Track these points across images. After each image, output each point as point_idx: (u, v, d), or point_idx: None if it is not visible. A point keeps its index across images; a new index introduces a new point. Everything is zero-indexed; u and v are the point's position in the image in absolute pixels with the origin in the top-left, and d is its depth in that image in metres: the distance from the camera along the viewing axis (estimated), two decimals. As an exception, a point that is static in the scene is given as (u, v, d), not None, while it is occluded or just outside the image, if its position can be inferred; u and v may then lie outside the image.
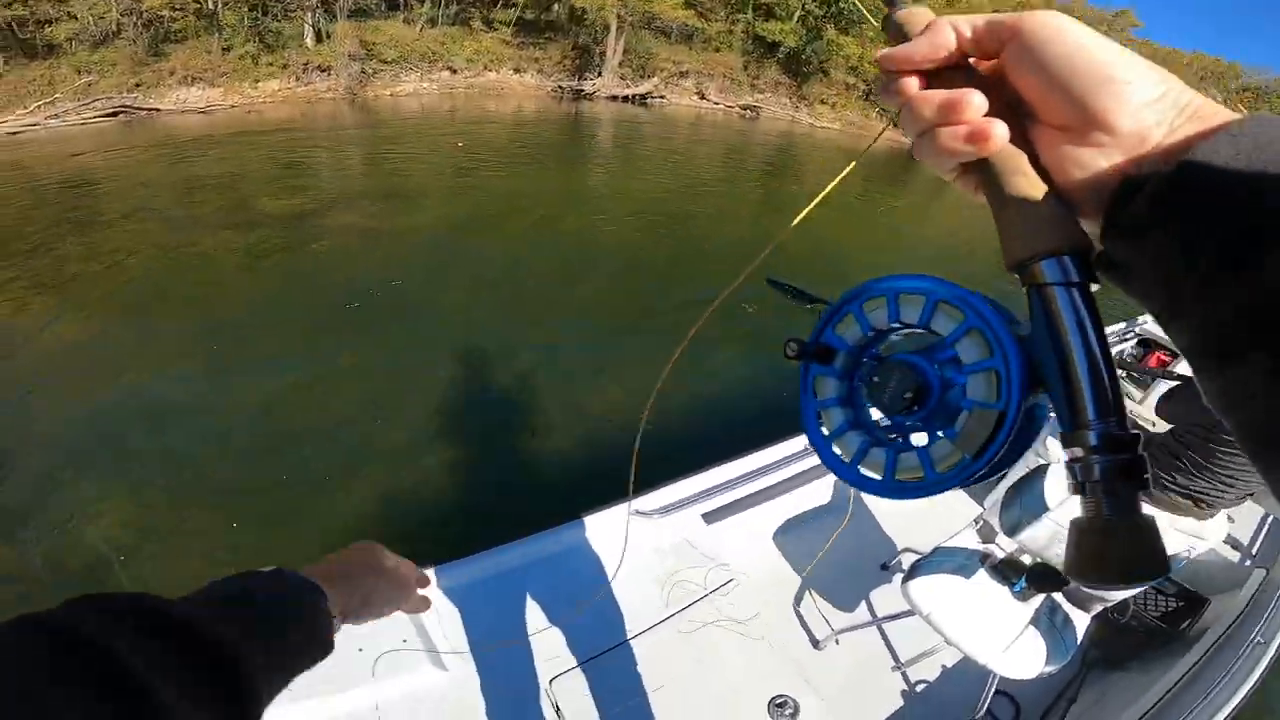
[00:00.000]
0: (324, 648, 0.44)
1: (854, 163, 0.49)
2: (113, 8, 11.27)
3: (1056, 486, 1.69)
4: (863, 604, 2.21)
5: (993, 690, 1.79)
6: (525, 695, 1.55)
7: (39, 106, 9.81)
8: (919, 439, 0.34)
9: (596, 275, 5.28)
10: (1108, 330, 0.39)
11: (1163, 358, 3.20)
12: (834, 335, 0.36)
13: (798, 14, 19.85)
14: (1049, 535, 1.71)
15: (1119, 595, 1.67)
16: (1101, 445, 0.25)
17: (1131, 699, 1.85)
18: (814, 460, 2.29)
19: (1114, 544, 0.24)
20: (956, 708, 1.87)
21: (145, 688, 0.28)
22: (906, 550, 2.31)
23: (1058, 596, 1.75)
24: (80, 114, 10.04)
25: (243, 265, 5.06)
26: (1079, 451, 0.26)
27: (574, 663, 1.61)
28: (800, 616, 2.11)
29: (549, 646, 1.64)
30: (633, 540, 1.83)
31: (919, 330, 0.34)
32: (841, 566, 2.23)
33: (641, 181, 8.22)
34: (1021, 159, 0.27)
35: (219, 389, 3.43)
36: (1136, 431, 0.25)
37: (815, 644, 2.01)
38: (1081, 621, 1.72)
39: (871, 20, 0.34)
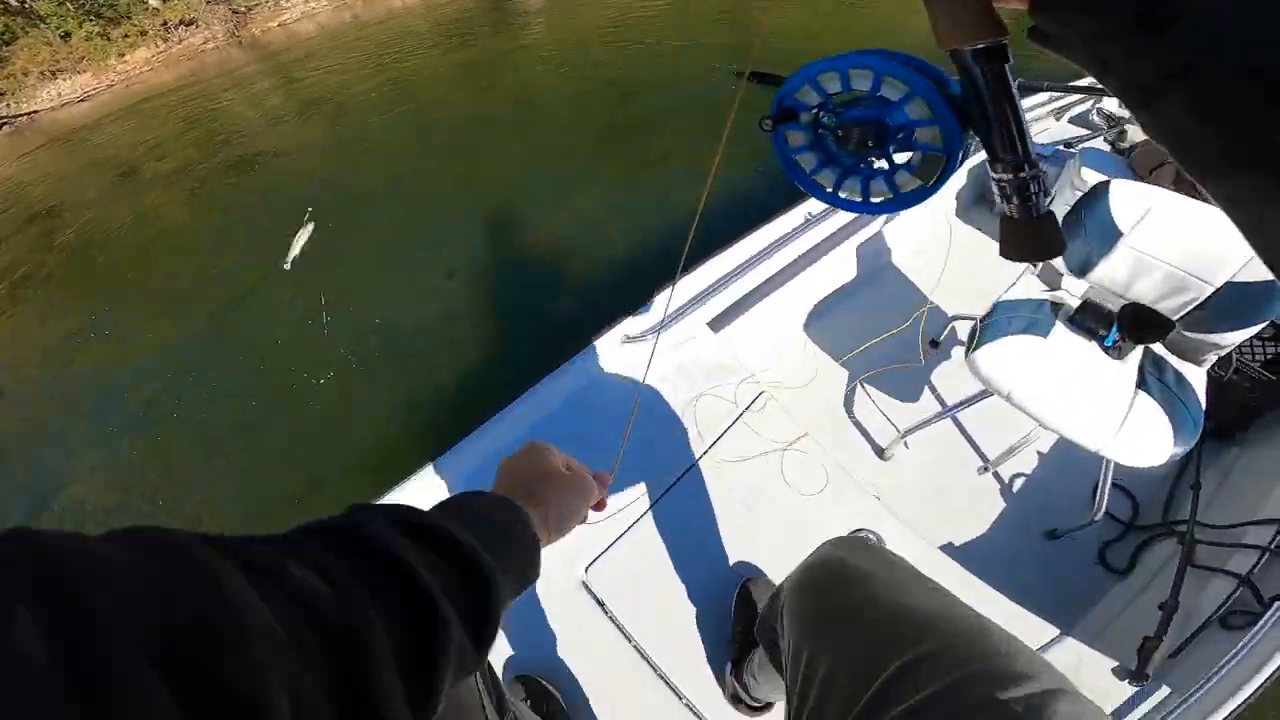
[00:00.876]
0: (537, 570, 0.42)
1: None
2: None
3: (1126, 207, 1.41)
4: (925, 394, 1.87)
5: (1108, 484, 1.44)
6: (557, 593, 1.24)
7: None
8: (882, 166, 0.46)
9: (556, 112, 5.10)
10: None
11: None
12: (794, 100, 0.45)
13: None
14: (1131, 266, 1.44)
15: (1233, 338, 1.33)
16: (1010, 169, 0.38)
17: (1270, 473, 1.48)
18: (818, 233, 1.91)
19: (1026, 232, 0.39)
20: (1064, 512, 1.54)
21: (435, 601, 0.28)
22: (957, 319, 1.97)
23: (1160, 349, 1.44)
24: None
25: (200, 210, 4.82)
26: (999, 175, 0.38)
27: (607, 541, 1.28)
28: (857, 422, 1.78)
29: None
30: (631, 372, 1.51)
31: (871, 97, 0.42)
32: (886, 354, 1.91)
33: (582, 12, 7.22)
34: None
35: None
36: (1029, 166, 0.38)
37: (880, 454, 1.70)
38: (1198, 380, 1.37)
39: None
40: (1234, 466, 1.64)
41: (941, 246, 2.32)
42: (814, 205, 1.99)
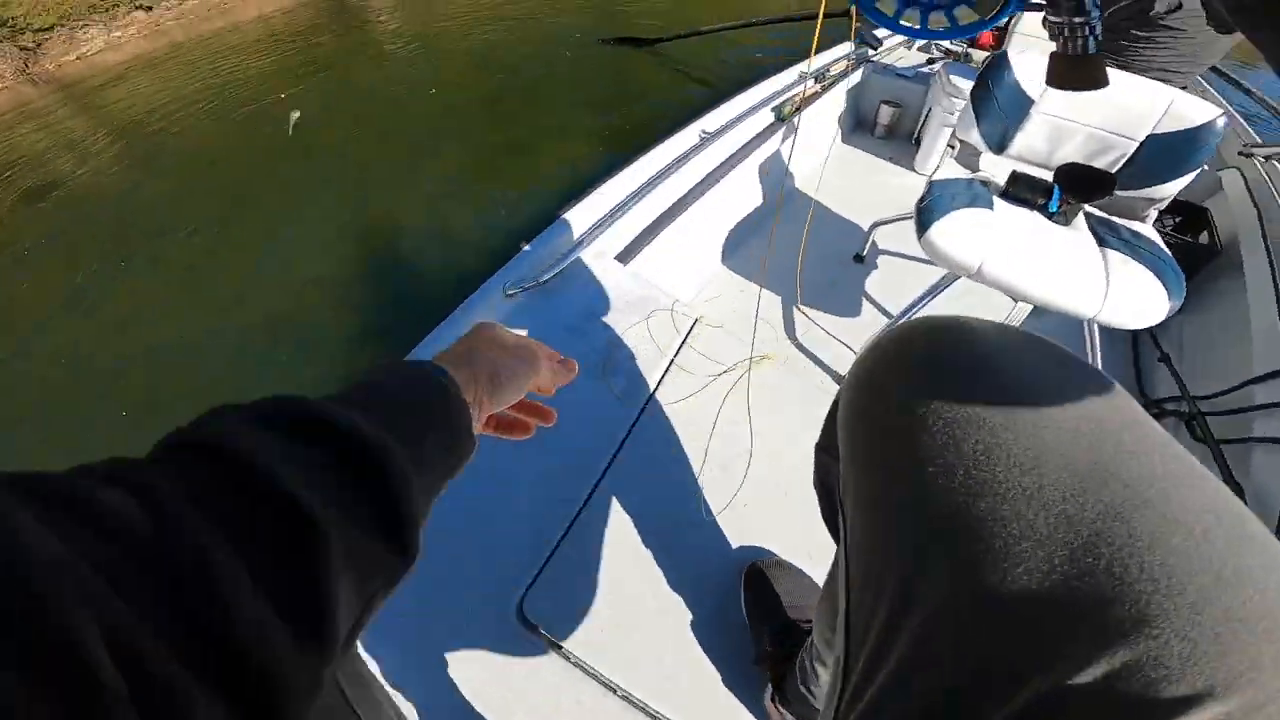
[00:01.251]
0: (471, 442, 0.37)
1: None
2: None
3: (1030, 75, 1.42)
4: (866, 306, 1.79)
5: (1099, 360, 1.40)
6: (489, 635, 0.87)
7: None
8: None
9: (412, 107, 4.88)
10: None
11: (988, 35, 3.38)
12: None
13: None
14: (1049, 134, 1.43)
15: (1171, 188, 1.35)
16: (1069, 13, 0.47)
17: (1232, 333, 1.50)
18: (716, 152, 1.86)
19: (1078, 66, 0.49)
20: None
21: (299, 505, 0.24)
22: (877, 225, 1.91)
23: (1102, 213, 1.43)
24: None
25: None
26: (1059, 18, 0.48)
27: (541, 557, 0.91)
28: (805, 349, 1.63)
29: (540, 491, 0.98)
30: (529, 324, 1.23)
31: None
32: (813, 276, 1.80)
33: (452, 31, 6.82)
34: None
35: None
36: (1085, 12, 0.47)
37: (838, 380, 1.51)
38: (1153, 235, 1.37)
39: None
40: (1184, 338, 1.63)
41: (837, 164, 2.42)
42: (709, 123, 1.96)
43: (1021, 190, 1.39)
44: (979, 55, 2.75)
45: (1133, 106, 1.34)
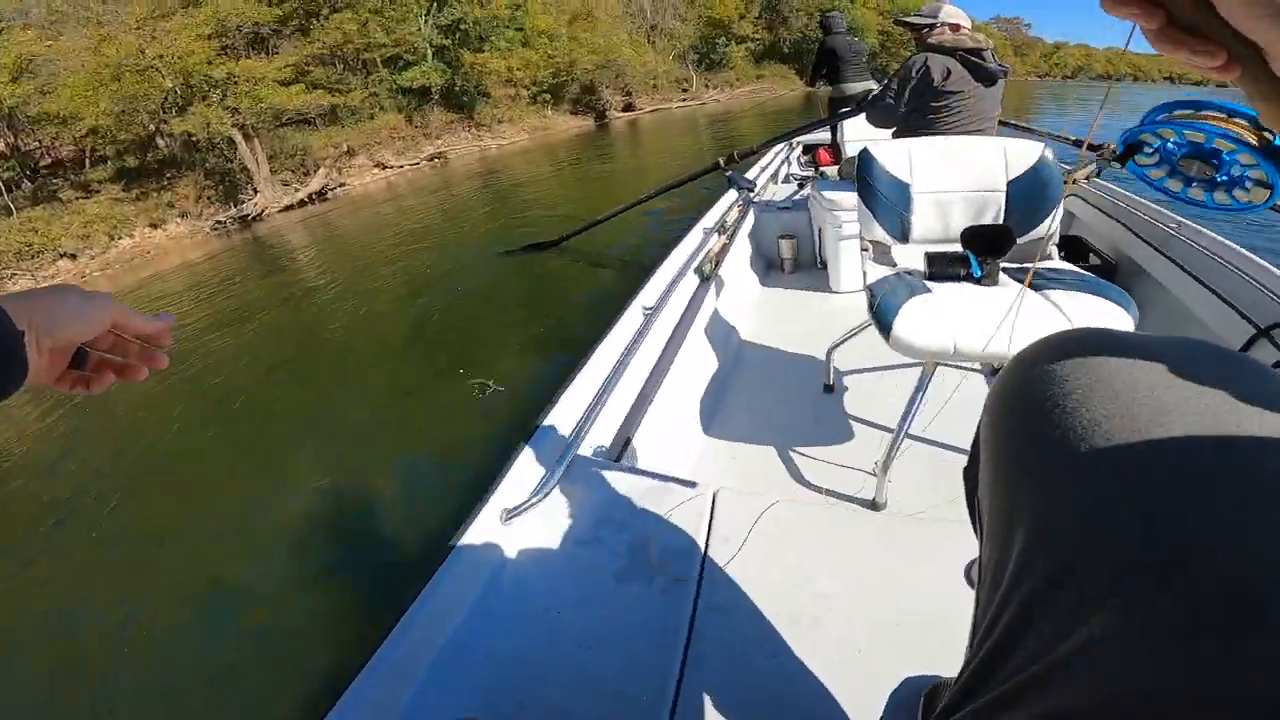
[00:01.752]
0: (20, 370, 0.38)
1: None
2: None
3: (893, 161, 1.56)
4: (854, 423, 1.80)
5: None
6: None
7: None
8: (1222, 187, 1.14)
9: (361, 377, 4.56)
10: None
11: (825, 154, 4.04)
12: (1138, 138, 1.18)
13: (428, 52, 20.11)
14: (934, 209, 1.56)
15: (1048, 223, 1.50)
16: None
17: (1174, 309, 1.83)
18: (663, 325, 1.88)
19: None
20: None
21: None
22: (834, 349, 1.92)
23: (1015, 265, 1.50)
24: None
25: None
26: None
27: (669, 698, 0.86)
28: (818, 488, 1.56)
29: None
30: (542, 543, 1.12)
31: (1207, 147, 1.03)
32: (793, 417, 1.84)
33: (369, 266, 7.56)
34: None
35: None
36: None
37: (873, 506, 1.43)
38: (1073, 268, 1.48)
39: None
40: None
41: (766, 309, 2.60)
42: (646, 299, 2.00)
43: (943, 267, 1.43)
44: (831, 171, 3.24)
45: (979, 162, 1.52)
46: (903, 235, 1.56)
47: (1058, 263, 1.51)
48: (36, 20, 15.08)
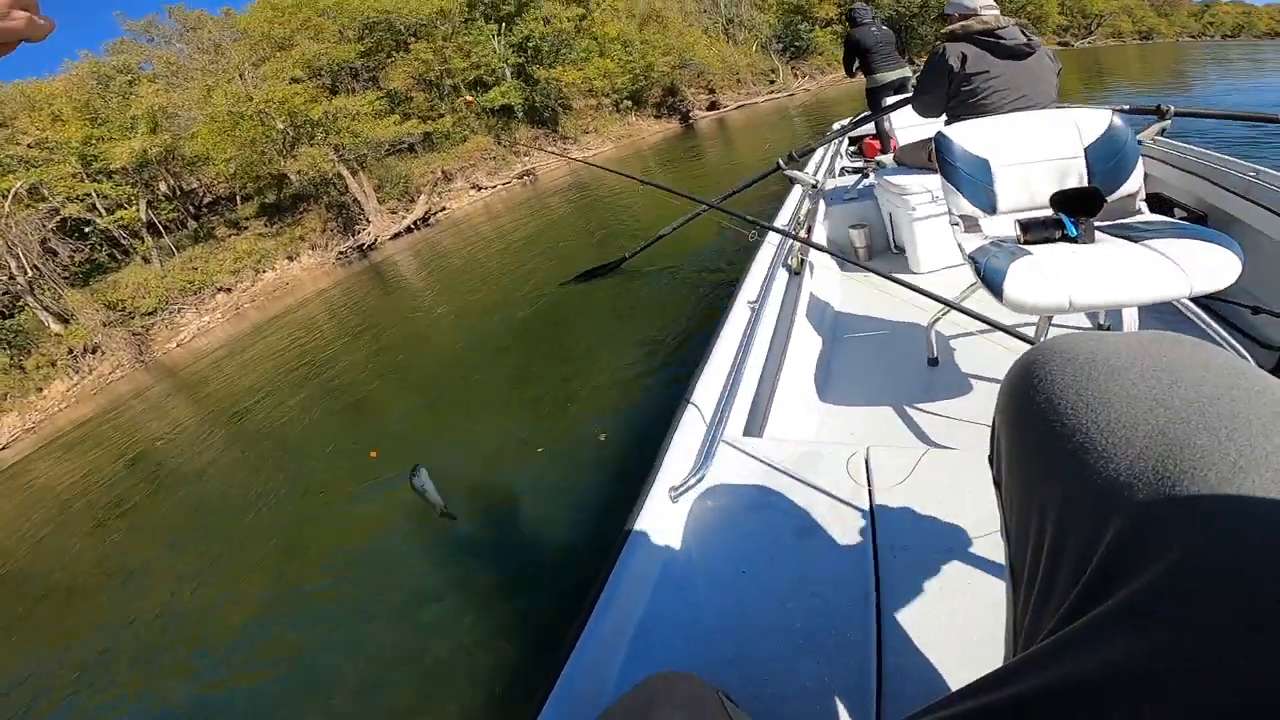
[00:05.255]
0: None
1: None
2: None
3: (969, 140, 1.67)
4: (975, 382, 1.91)
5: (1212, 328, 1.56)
6: None
7: None
8: None
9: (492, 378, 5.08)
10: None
11: (872, 144, 4.12)
12: None
13: (505, 72, 21.31)
14: (1018, 180, 1.63)
15: (1133, 180, 1.59)
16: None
17: None
18: (769, 314, 2.06)
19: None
20: None
21: None
22: (933, 325, 2.03)
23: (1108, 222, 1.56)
24: None
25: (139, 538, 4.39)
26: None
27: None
28: (947, 445, 1.60)
29: None
30: (702, 518, 1.22)
31: None
32: (900, 386, 1.98)
33: (480, 281, 8.40)
34: None
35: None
36: None
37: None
38: (1167, 218, 1.60)
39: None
40: (1255, 290, 1.82)
41: (854, 296, 2.70)
42: (748, 293, 2.19)
43: (1039, 231, 1.49)
44: (885, 159, 3.26)
45: (1053, 133, 1.62)
46: (990, 207, 1.64)
47: (1149, 215, 1.57)
48: (156, 72, 17.79)
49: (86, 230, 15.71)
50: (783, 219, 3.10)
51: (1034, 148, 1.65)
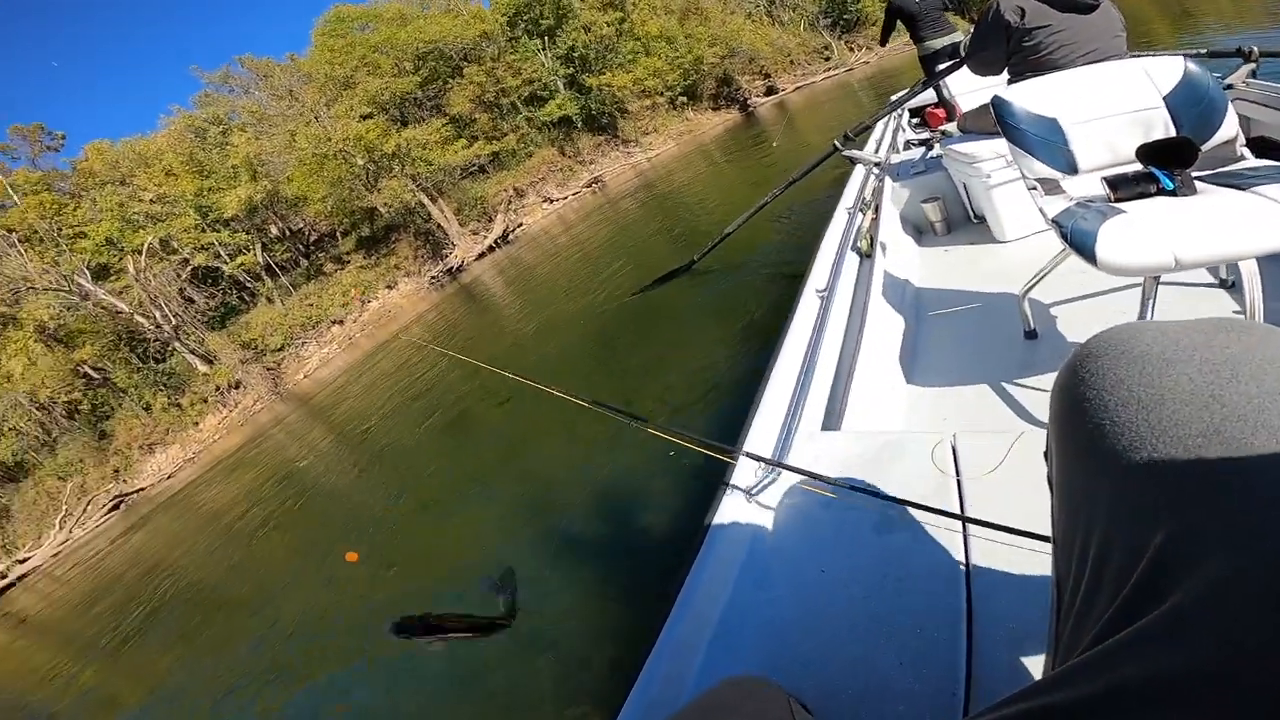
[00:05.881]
0: None
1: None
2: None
3: (1033, 101, 1.60)
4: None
5: None
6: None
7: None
8: None
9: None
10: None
11: (935, 114, 4.03)
12: None
13: (558, 83, 21.96)
14: (1096, 136, 1.55)
15: (1228, 126, 1.48)
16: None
17: None
18: (843, 298, 2.04)
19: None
20: None
21: None
22: (1026, 294, 1.91)
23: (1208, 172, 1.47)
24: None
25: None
26: None
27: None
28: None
29: None
30: (788, 512, 1.22)
31: None
32: (995, 365, 1.86)
33: (560, 295, 8.79)
34: None
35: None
36: None
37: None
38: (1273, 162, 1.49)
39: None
40: None
41: (933, 270, 2.58)
42: (816, 282, 2.18)
43: (1130, 187, 1.38)
44: (949, 127, 3.05)
45: (1123, 84, 1.54)
46: (1070, 167, 1.55)
47: (1255, 161, 1.47)
48: (245, 121, 19.15)
49: (216, 277, 17.71)
50: (846, 201, 3.01)
51: (1106, 102, 1.56)
